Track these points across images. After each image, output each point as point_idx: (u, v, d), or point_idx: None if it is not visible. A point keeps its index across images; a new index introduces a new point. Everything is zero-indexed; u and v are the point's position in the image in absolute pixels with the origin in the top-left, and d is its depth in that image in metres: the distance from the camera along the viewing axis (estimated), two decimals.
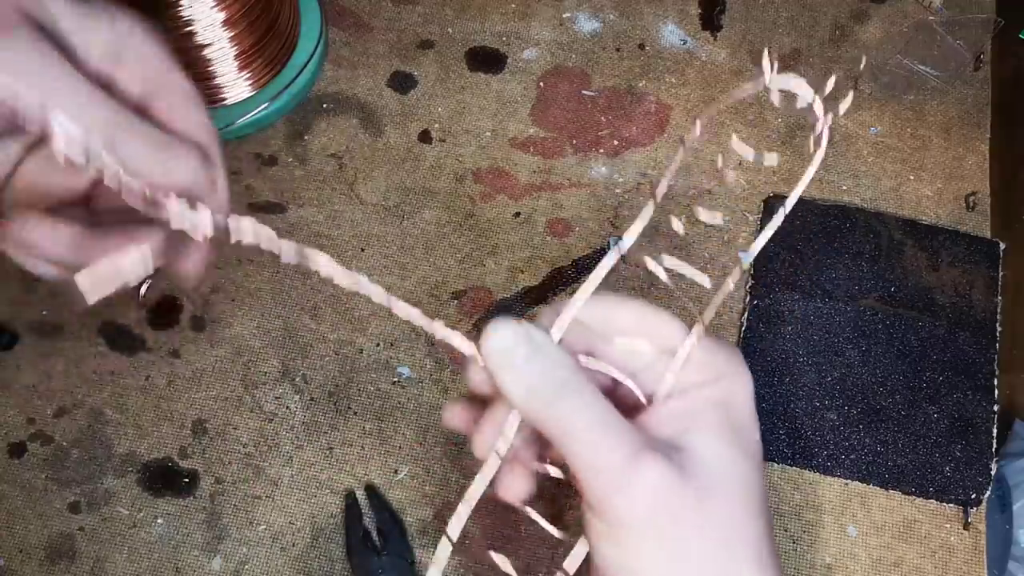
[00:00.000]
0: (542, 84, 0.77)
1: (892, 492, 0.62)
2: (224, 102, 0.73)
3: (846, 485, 0.62)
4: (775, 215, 0.32)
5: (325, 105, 0.75)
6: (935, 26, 0.79)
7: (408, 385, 0.65)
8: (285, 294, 0.68)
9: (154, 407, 0.64)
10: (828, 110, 0.31)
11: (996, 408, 0.64)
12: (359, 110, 0.75)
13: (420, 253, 0.69)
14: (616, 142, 0.74)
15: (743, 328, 0.67)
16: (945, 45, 0.78)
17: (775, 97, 0.31)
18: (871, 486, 0.62)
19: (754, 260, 0.69)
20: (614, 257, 0.33)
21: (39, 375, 0.65)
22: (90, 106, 0.28)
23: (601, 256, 0.73)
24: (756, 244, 0.33)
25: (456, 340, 0.32)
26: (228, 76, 0.72)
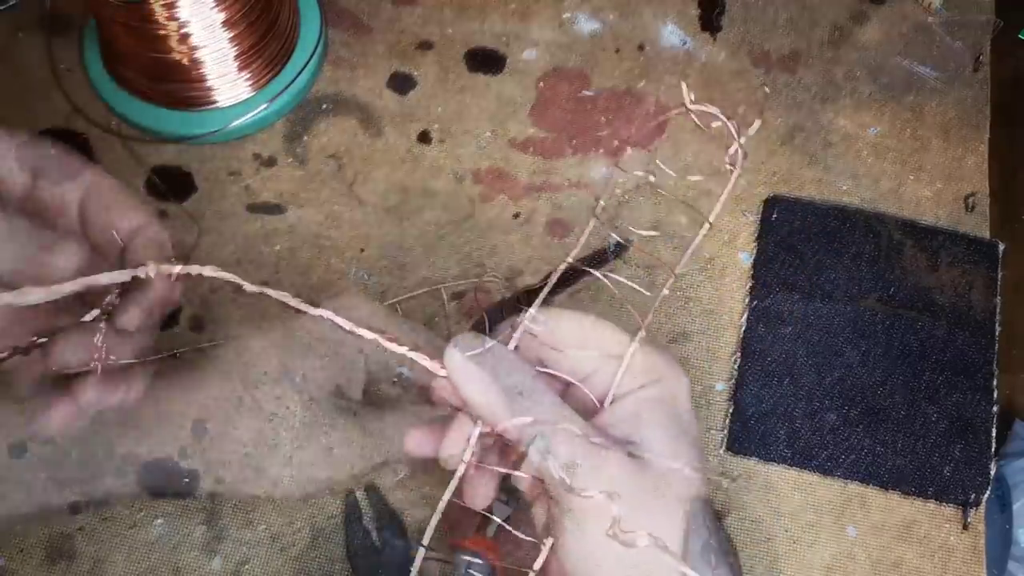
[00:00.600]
0: (542, 85, 0.77)
1: (891, 493, 0.62)
2: (223, 103, 0.73)
3: (845, 486, 0.63)
4: (700, 228, 0.38)
5: (324, 106, 0.75)
6: (934, 27, 0.79)
7: (408, 385, 0.65)
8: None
9: (154, 407, 0.64)
10: (741, 134, 0.38)
11: (995, 409, 0.64)
12: (358, 111, 0.75)
13: (419, 254, 0.69)
14: (616, 143, 0.74)
15: (742, 329, 0.67)
16: (944, 46, 0.78)
17: (695, 118, 0.38)
18: (870, 487, 0.62)
19: (753, 261, 0.69)
20: (556, 275, 0.38)
21: None
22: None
23: (601, 256, 0.73)
24: (685, 256, 0.38)
25: (424, 361, 0.38)
26: (227, 77, 0.72)
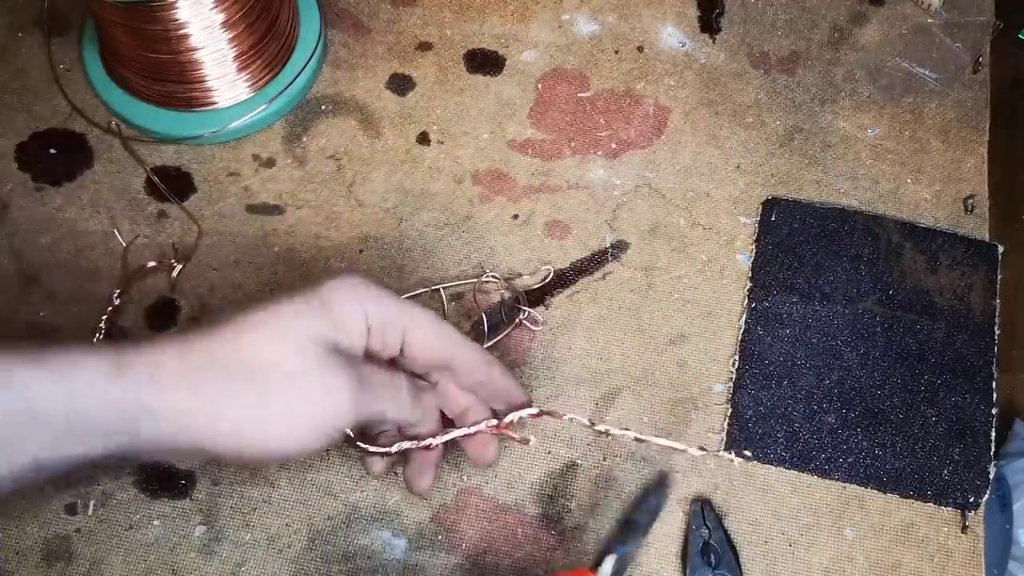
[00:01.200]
0: (541, 86, 0.77)
1: (890, 495, 0.62)
2: (223, 103, 0.73)
3: (844, 488, 0.62)
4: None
5: (324, 107, 0.75)
6: (934, 28, 0.79)
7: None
8: (284, 293, 0.67)
9: None
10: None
11: (995, 411, 0.64)
12: (358, 112, 0.75)
13: (418, 255, 0.69)
14: (615, 144, 0.74)
15: (741, 331, 0.67)
16: (944, 47, 0.78)
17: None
18: (869, 489, 0.62)
19: (752, 263, 0.69)
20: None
21: None
22: None
23: (601, 256, 0.73)
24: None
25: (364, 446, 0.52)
26: (227, 78, 0.72)
